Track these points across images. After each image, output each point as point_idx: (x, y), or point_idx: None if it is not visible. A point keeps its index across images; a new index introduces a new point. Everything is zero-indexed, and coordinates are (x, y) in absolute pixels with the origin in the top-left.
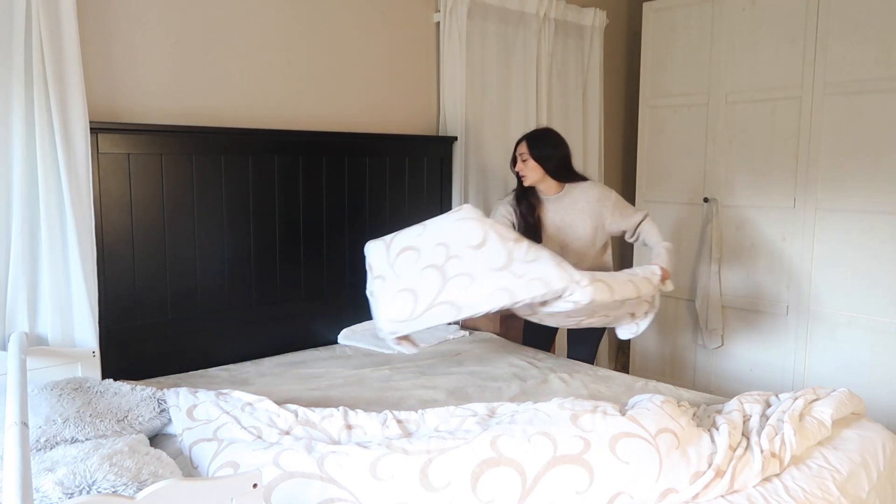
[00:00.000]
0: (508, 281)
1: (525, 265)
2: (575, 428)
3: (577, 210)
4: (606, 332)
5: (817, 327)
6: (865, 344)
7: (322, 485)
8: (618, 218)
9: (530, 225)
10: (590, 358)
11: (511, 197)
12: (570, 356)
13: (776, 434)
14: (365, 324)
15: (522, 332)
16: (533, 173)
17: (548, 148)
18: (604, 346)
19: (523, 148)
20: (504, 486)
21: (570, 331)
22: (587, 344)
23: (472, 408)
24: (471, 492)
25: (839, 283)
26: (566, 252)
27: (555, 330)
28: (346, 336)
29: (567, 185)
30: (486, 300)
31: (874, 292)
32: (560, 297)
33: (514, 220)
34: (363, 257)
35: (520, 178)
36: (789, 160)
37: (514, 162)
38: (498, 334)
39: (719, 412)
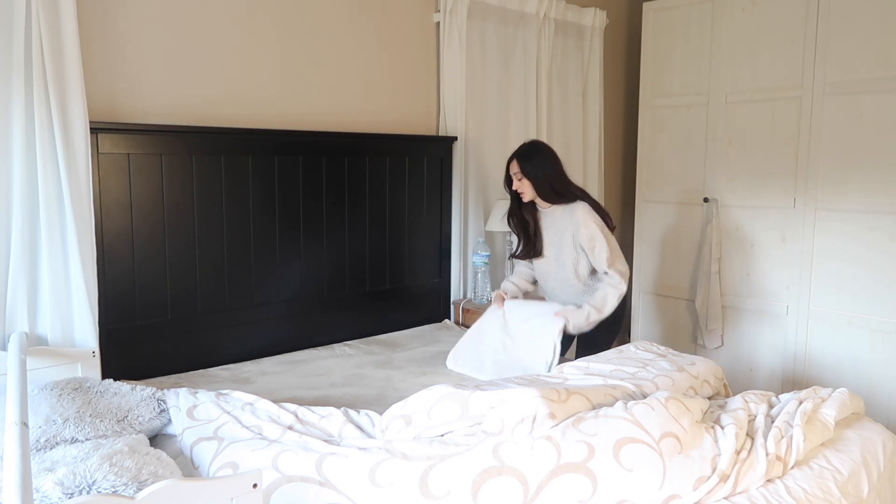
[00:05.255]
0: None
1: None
2: (578, 433)
3: (561, 227)
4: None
5: (817, 327)
6: (865, 344)
7: (320, 489)
8: (588, 250)
9: (528, 236)
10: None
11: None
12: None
13: (783, 436)
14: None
15: None
16: (530, 189)
17: (537, 162)
18: None
19: (515, 167)
20: (505, 496)
21: (579, 339)
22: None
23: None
24: (471, 501)
25: (839, 283)
26: (560, 263)
27: (571, 338)
28: (453, 362)
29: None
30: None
31: (874, 292)
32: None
33: (515, 240)
34: (363, 257)
35: (518, 196)
36: (789, 160)
37: (508, 181)
38: None
39: (722, 407)
